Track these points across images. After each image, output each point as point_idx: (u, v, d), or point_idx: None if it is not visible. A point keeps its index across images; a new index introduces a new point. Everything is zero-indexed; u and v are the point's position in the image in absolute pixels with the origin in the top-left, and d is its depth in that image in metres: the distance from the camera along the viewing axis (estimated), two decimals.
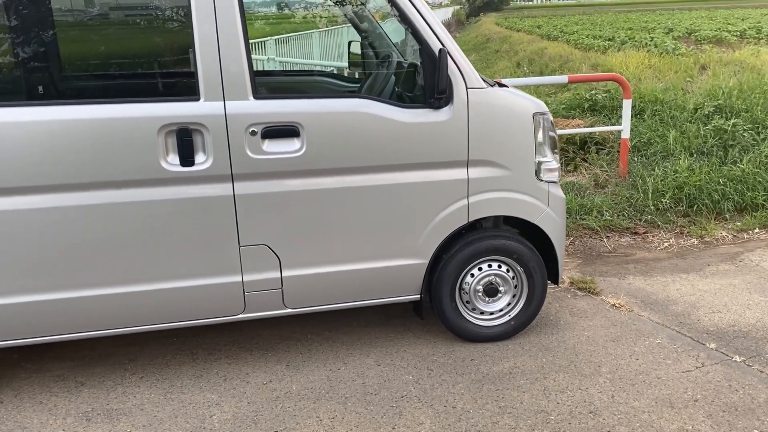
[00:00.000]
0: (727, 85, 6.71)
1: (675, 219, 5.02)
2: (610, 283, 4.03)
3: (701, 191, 5.12)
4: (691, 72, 9.80)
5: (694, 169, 5.35)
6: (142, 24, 2.91)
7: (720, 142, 5.77)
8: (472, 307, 3.29)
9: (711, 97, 6.68)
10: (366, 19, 3.93)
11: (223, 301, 2.99)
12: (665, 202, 5.09)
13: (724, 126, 5.87)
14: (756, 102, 6.26)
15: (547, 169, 3.16)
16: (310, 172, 2.89)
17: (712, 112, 6.32)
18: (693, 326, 3.45)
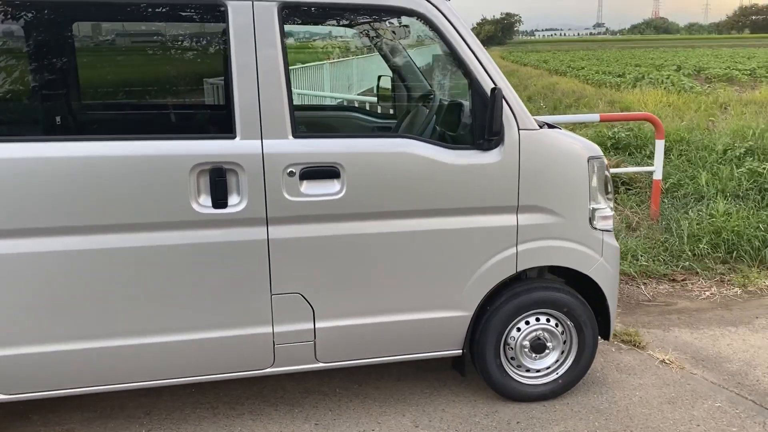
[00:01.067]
0: (758, 126, 6.54)
1: (714, 266, 4.79)
2: (655, 335, 3.79)
3: (740, 237, 4.91)
4: (712, 111, 9.66)
5: (731, 213, 5.14)
6: (175, 55, 2.72)
7: (755, 186, 5.58)
8: (517, 364, 3.04)
9: (740, 138, 6.50)
10: (398, 53, 3.76)
11: (251, 355, 2.75)
12: (702, 247, 4.87)
13: (759, 169, 5.68)
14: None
15: (601, 217, 2.95)
16: (349, 216, 2.68)
17: (743, 154, 6.14)
18: (753, 388, 3.20)
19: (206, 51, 2.63)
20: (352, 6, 2.64)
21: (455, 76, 2.99)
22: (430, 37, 3.06)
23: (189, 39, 2.66)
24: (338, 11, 2.72)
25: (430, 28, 2.67)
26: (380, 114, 4.17)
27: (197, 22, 2.59)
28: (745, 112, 9.10)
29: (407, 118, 3.35)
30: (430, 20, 2.65)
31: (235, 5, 2.47)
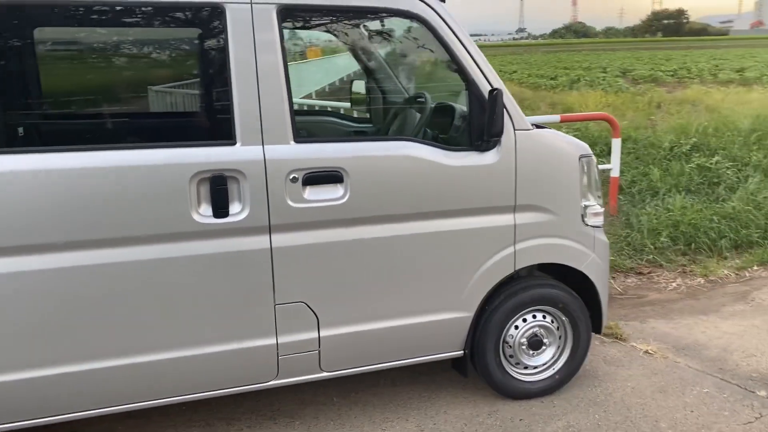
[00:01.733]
0: (700, 123, 6.87)
1: (675, 258, 4.99)
2: (634, 327, 3.91)
3: (697, 229, 5.13)
4: (649, 110, 10.09)
5: (687, 206, 5.37)
6: (171, 60, 2.61)
7: (705, 180, 5.85)
8: (515, 362, 3.07)
9: (684, 135, 6.81)
10: (375, 58, 3.74)
11: (255, 368, 2.67)
12: (663, 240, 5.07)
13: (707, 164, 5.96)
14: (732, 140, 6.42)
15: (592, 213, 3.02)
16: (353, 221, 2.64)
17: (689, 150, 6.43)
18: (734, 372, 3.34)
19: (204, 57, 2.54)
20: (351, 8, 2.60)
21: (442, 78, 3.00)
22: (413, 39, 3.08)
23: (187, 44, 2.56)
24: (336, 13, 2.68)
25: (427, 30, 2.66)
26: (354, 118, 4.14)
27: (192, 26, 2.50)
28: (680, 110, 9.56)
29: (396, 121, 3.33)
30: (428, 22, 2.64)
31: (234, 7, 2.40)
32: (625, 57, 38.12)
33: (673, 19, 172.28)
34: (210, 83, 2.56)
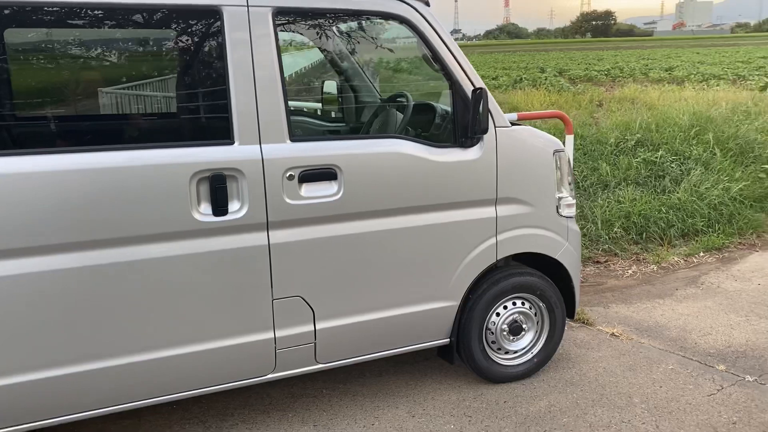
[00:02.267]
0: (643, 120, 7.25)
1: (629, 247, 5.28)
2: (598, 312, 4.14)
3: (647, 220, 5.45)
4: (591, 108, 10.53)
5: (636, 199, 5.69)
6: (169, 61, 2.64)
7: (652, 173, 6.19)
8: (497, 347, 3.23)
9: (628, 131, 7.17)
10: (347, 59, 3.84)
11: (253, 362, 2.73)
12: (616, 231, 5.36)
13: (652, 158, 6.31)
14: (673, 135, 6.80)
15: (566, 205, 3.20)
16: (346, 216, 2.73)
17: (634, 145, 6.78)
18: (694, 350, 3.60)
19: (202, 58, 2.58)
20: (342, 10, 2.70)
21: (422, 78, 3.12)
22: None
23: (185, 46, 2.60)
24: (327, 15, 2.77)
25: (414, 32, 2.79)
26: (326, 117, 4.22)
27: (189, 29, 2.54)
28: (621, 108, 10.03)
29: (377, 119, 3.43)
30: (415, 25, 2.77)
31: (231, 10, 2.46)
32: (559, 57, 39.25)
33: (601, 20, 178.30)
34: (208, 84, 2.61)
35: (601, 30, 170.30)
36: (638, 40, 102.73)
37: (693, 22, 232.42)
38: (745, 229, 5.64)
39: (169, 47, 2.57)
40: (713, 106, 8.52)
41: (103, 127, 2.71)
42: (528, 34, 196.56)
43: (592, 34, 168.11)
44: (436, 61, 2.85)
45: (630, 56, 36.07)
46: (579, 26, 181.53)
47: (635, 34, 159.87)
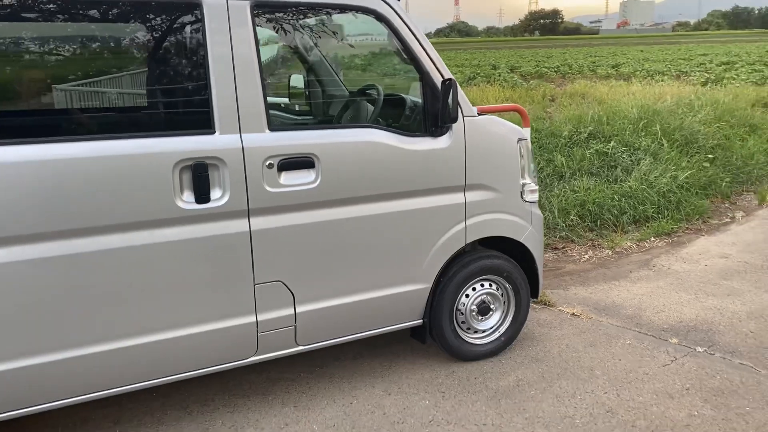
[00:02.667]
0: (595, 113, 7.55)
1: (584, 234, 5.53)
2: (559, 294, 4.35)
3: (601, 207, 5.71)
4: (543, 103, 10.85)
5: (590, 188, 5.95)
6: (151, 53, 2.70)
7: (604, 164, 6.47)
8: (467, 327, 3.39)
9: (581, 125, 7.45)
10: (317, 52, 3.94)
11: (236, 345, 2.81)
12: (572, 218, 5.60)
13: (604, 149, 6.60)
14: (623, 128, 7.11)
15: (529, 190, 3.38)
16: (324, 203, 2.84)
17: (586, 138, 7.06)
18: (649, 326, 3.84)
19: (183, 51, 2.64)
20: (317, 4, 2.81)
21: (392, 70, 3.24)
22: None
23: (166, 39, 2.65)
24: (303, 8, 2.87)
25: (386, 26, 2.91)
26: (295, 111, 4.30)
27: (171, 21, 2.60)
28: (572, 102, 10.38)
29: (348, 111, 3.54)
30: (387, 18, 2.89)
31: (211, 4, 2.54)
32: (509, 55, 39.96)
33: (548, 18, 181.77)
34: (189, 76, 2.67)
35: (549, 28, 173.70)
36: (585, 38, 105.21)
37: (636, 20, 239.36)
38: (691, 215, 5.97)
39: (151, 39, 2.62)
40: (659, 100, 8.91)
41: (88, 118, 2.75)
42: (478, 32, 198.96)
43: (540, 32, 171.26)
44: (407, 53, 2.98)
45: (578, 54, 37.00)
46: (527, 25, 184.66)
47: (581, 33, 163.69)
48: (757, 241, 5.39)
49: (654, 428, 2.81)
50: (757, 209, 6.42)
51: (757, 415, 2.89)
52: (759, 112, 9.22)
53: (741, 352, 3.47)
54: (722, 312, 4.00)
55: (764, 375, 3.23)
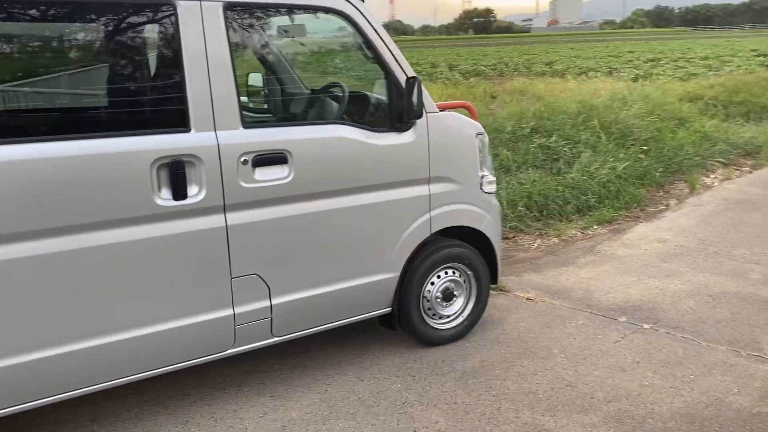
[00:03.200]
0: (537, 109, 7.87)
1: (532, 223, 5.80)
2: (513, 281, 4.58)
3: (547, 198, 5.99)
4: (485, 100, 11.17)
5: (536, 180, 6.23)
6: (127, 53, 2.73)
7: (548, 157, 6.77)
8: (433, 313, 3.55)
9: (523, 120, 7.75)
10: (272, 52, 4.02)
11: (214, 338, 2.89)
12: (520, 209, 5.86)
13: (547, 143, 6.90)
14: (564, 122, 7.44)
15: (488, 182, 3.57)
16: (296, 198, 2.94)
17: (529, 133, 7.36)
18: (598, 306, 4.10)
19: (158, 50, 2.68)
20: (286, 5, 2.91)
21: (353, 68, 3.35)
22: None
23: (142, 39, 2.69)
24: (272, 9, 2.95)
25: (351, 26, 3.03)
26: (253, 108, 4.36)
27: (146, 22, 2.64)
28: (512, 99, 10.73)
29: (312, 109, 3.63)
30: (353, 19, 3.01)
31: (185, 5, 2.60)
32: (446, 53, 40.49)
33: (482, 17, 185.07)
34: (165, 75, 2.72)
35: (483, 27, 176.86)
36: (517, 36, 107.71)
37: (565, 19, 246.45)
38: (630, 203, 6.33)
39: (127, 40, 2.66)
40: (594, 96, 9.34)
41: (67, 117, 2.76)
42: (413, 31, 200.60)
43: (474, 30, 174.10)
44: (372, 52, 3.11)
45: (512, 52, 37.85)
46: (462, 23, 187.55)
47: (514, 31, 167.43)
48: (690, 226, 5.77)
49: (611, 399, 3.04)
50: (688, 197, 6.85)
51: (701, 381, 3.17)
52: (686, 106, 9.80)
53: (683, 327, 3.76)
54: (664, 292, 4.30)
55: (705, 346, 3.52)
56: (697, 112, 9.87)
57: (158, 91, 2.76)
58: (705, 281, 4.45)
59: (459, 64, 24.63)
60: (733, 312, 3.94)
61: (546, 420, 2.88)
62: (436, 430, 2.83)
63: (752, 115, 10.74)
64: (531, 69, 21.42)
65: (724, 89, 11.41)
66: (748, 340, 3.57)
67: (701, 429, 2.78)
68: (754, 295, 4.18)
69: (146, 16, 2.61)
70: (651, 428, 2.80)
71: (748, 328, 3.71)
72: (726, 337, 3.62)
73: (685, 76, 15.06)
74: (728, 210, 6.26)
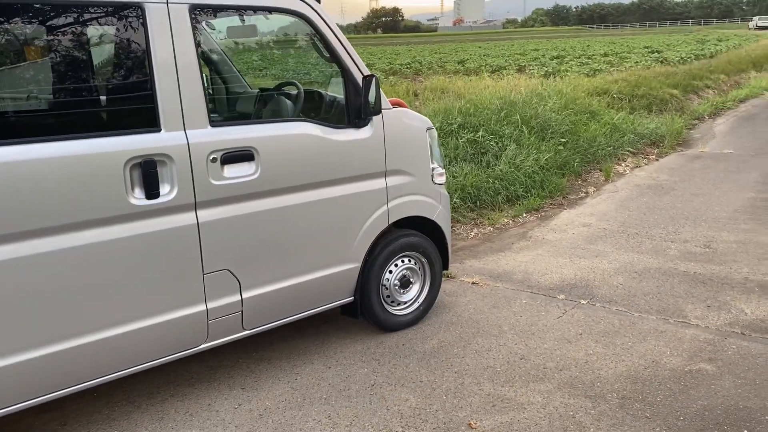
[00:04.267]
0: (462, 106, 8.19)
1: (468, 214, 6.09)
2: (457, 267, 4.82)
3: (479, 190, 6.30)
4: (408, 98, 11.45)
5: (468, 173, 6.53)
6: (97, 57, 2.73)
7: (476, 151, 7.09)
8: (391, 300, 3.73)
9: (449, 116, 8.05)
10: (218, 52, 4.07)
11: (188, 333, 2.94)
12: (455, 201, 6.13)
13: (474, 138, 7.22)
14: (488, 118, 7.80)
15: (438, 174, 3.78)
16: (264, 193, 3.03)
17: (457, 129, 7.66)
18: (538, 286, 4.41)
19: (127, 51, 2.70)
20: (247, 6, 2.99)
21: None
22: None
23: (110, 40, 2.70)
24: (234, 10, 3.02)
25: (309, 26, 3.15)
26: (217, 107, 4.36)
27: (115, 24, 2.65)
28: (434, 96, 11.07)
29: (267, 107, 3.71)
30: (311, 20, 3.14)
31: (152, 7, 2.64)
32: (359, 52, 40.75)
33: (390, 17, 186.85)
34: (134, 76, 2.75)
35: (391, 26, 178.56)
36: (425, 35, 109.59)
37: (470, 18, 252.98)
38: (554, 191, 6.75)
39: (96, 42, 2.67)
40: (512, 92, 9.80)
41: (41, 119, 2.73)
42: None
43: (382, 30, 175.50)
44: (330, 51, 3.24)
45: (423, 51, 38.60)
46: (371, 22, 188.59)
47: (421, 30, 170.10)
48: (609, 211, 6.24)
49: (561, 367, 3.32)
50: (604, 184, 7.37)
51: (638, 347, 3.51)
52: (595, 100, 10.45)
53: (616, 301, 4.12)
54: (594, 270, 4.67)
55: (637, 317, 3.88)
56: (605, 105, 10.55)
57: (128, 92, 2.78)
58: (629, 259, 4.86)
59: (375, 64, 24.91)
60: (658, 285, 4.35)
61: (506, 390, 3.13)
62: (408, 406, 3.01)
63: (654, 107, 11.58)
64: (445, 67, 21.98)
65: (627, 84, 12.22)
66: (674, 309, 3.97)
67: (643, 388, 3.10)
68: (673, 270, 4.61)
69: (115, 19, 2.63)
70: (600, 390, 3.09)
71: (672, 299, 4.12)
72: (654, 307, 4.00)
73: (591, 72, 15.96)
74: (641, 195, 6.80)
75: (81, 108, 2.71)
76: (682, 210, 6.15)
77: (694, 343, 3.52)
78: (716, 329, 3.68)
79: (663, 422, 2.83)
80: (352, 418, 2.93)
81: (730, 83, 16.88)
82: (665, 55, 22.10)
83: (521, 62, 22.29)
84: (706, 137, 10.28)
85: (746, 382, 3.12)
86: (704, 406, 2.93)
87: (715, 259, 4.80)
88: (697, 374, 3.21)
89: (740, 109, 13.50)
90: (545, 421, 2.86)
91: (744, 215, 5.89)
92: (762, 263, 4.68)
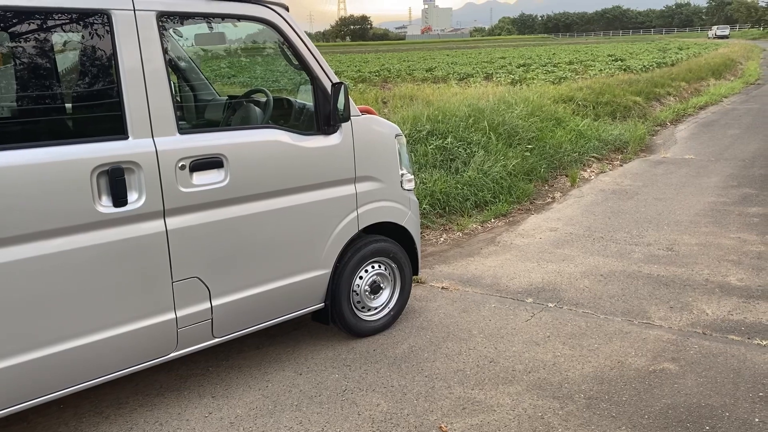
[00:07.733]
0: (431, 113, 8.25)
1: (437, 220, 6.14)
2: (427, 272, 4.86)
3: (448, 196, 6.36)
4: (377, 105, 11.50)
5: (437, 179, 6.58)
6: (63, 64, 2.70)
7: (445, 158, 7.16)
8: (362, 306, 3.74)
9: (418, 123, 8.12)
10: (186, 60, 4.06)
11: (157, 342, 2.92)
12: (425, 207, 6.18)
13: (443, 145, 7.29)
14: (456, 125, 7.88)
15: (407, 180, 3.82)
16: (233, 201, 3.03)
17: (426, 136, 7.73)
18: (506, 291, 4.47)
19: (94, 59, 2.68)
20: (215, 14, 2.99)
21: None
22: None
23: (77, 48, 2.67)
24: (201, 18, 3.01)
25: (277, 34, 3.17)
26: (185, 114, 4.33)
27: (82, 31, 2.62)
28: (403, 104, 11.14)
29: (236, 114, 3.71)
30: (279, 28, 3.15)
31: (119, 14, 2.63)
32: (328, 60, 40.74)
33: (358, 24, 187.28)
34: (101, 84, 2.72)
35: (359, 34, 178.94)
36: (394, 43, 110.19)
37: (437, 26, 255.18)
38: (521, 197, 6.85)
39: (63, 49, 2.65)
40: (481, 99, 9.92)
41: (6, 126, 2.68)
42: None
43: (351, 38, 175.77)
44: (298, 59, 3.26)
45: (392, 58, 38.83)
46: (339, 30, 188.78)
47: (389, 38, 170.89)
48: (576, 216, 6.35)
49: (530, 370, 3.37)
50: (570, 189, 7.50)
51: (604, 348, 3.58)
52: (561, 107, 10.63)
53: (582, 303, 4.20)
54: (561, 274, 4.75)
55: (603, 318, 3.96)
56: (570, 112, 10.74)
57: (95, 100, 2.76)
58: (595, 263, 4.96)
59: (344, 71, 24.96)
60: (623, 288, 4.44)
61: (476, 393, 3.16)
62: (379, 411, 3.03)
63: (618, 114, 11.82)
64: (413, 75, 22.13)
65: (591, 91, 12.45)
66: (638, 311, 4.06)
67: (609, 388, 3.17)
68: (637, 272, 4.72)
69: (81, 26, 2.61)
70: (568, 391, 3.15)
71: (636, 300, 4.21)
72: (619, 309, 4.09)
73: (556, 80, 16.23)
74: (606, 200, 6.94)
75: (47, 115, 2.68)
76: (645, 214, 6.29)
77: (657, 344, 3.61)
78: (679, 330, 3.78)
79: (628, 421, 2.89)
80: (324, 424, 2.94)
81: (690, 90, 17.32)
82: (628, 63, 22.60)
83: (488, 70, 22.57)
84: (668, 143, 10.53)
85: (708, 380, 3.21)
86: (668, 405, 3.01)
87: (677, 261, 4.93)
88: (661, 374, 3.29)
89: (700, 115, 13.87)
90: (514, 423, 2.90)
91: (705, 219, 6.06)
92: (722, 265, 4.81)
